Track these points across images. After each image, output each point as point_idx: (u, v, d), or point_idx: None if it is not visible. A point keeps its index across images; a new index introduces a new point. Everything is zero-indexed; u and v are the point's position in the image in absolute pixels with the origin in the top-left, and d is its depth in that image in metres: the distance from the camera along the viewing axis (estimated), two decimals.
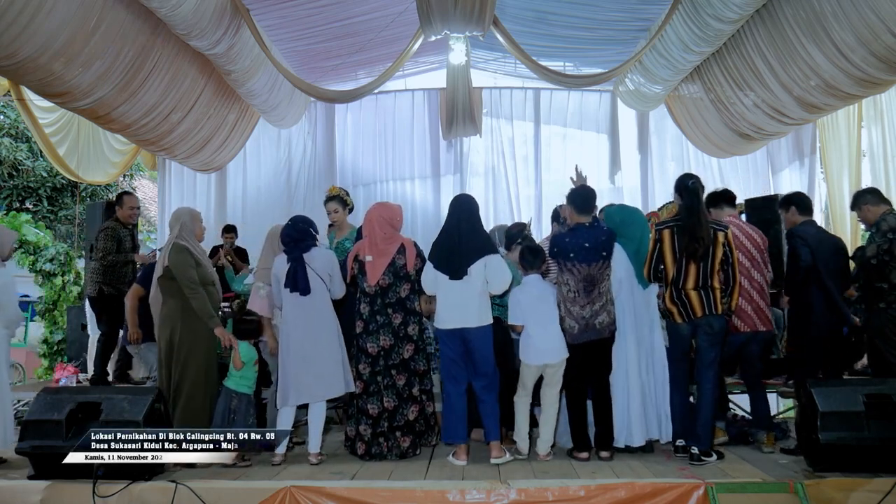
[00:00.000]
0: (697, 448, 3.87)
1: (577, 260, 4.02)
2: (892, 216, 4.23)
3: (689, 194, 3.96)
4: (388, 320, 4.19)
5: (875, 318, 4.23)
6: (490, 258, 4.02)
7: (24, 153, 12.72)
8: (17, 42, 4.74)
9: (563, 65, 8.73)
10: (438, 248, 4.13)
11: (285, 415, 4.14)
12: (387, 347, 4.17)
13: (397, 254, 4.23)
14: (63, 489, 3.54)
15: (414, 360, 4.21)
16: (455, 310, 3.99)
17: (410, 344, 4.21)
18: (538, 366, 4.09)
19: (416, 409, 4.17)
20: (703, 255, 3.87)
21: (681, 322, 3.95)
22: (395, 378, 4.16)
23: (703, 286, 3.90)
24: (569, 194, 4.30)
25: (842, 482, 3.43)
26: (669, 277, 3.95)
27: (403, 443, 4.13)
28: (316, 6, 7.08)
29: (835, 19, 5.56)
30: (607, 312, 4.05)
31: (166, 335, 4.18)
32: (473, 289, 3.99)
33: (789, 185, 9.03)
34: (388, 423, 4.13)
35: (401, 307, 4.22)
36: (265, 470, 3.94)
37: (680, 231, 3.92)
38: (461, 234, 4.06)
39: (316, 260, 4.19)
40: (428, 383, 4.29)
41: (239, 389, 4.15)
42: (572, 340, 4.04)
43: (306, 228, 4.27)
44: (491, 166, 9.67)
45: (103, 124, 6.75)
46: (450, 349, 4.03)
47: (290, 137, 9.68)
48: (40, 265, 7.81)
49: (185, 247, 4.21)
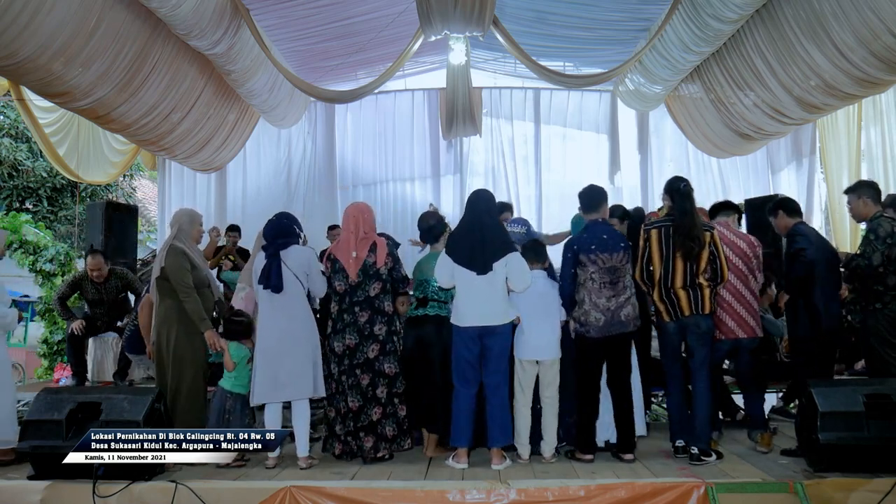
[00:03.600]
0: (697, 448, 3.88)
1: (599, 251, 4.02)
2: (886, 221, 4.29)
3: (683, 197, 4.03)
4: (354, 319, 4.12)
5: (871, 319, 4.27)
6: (512, 256, 4.00)
7: (24, 153, 12.72)
8: (17, 42, 4.74)
9: (563, 65, 8.74)
10: (459, 242, 4.06)
11: (271, 415, 4.08)
12: (352, 346, 4.10)
13: (369, 252, 4.17)
14: (63, 489, 3.53)
15: (379, 361, 4.10)
16: (479, 307, 3.94)
17: (376, 344, 4.10)
18: (530, 362, 4.08)
19: (379, 411, 4.08)
20: (696, 254, 3.95)
21: (668, 321, 4.01)
22: (359, 378, 4.08)
23: (692, 284, 3.97)
24: (579, 194, 4.30)
25: (842, 482, 3.43)
26: (657, 277, 4.01)
27: (367, 443, 4.05)
28: (316, 6, 7.09)
29: (835, 19, 5.56)
30: (632, 305, 4.05)
31: (163, 336, 4.19)
32: (497, 285, 3.96)
33: (789, 185, 9.05)
34: (353, 423, 4.07)
35: (368, 306, 4.13)
36: (265, 470, 3.94)
37: (674, 231, 3.98)
38: (484, 229, 4.02)
39: (292, 258, 4.11)
40: (399, 386, 4.18)
41: (233, 390, 4.12)
42: (597, 333, 3.99)
43: (290, 225, 4.24)
44: (491, 166, 9.68)
45: (103, 124, 6.76)
46: (466, 349, 3.97)
47: (290, 137, 9.69)
48: (40, 265, 7.78)
49: (181, 249, 4.21)
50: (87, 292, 6.03)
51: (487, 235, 4.00)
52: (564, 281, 4.14)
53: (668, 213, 4.15)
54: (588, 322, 4.01)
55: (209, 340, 4.12)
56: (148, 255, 10.15)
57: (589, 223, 4.17)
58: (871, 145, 7.69)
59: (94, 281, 5.98)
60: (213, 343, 4.11)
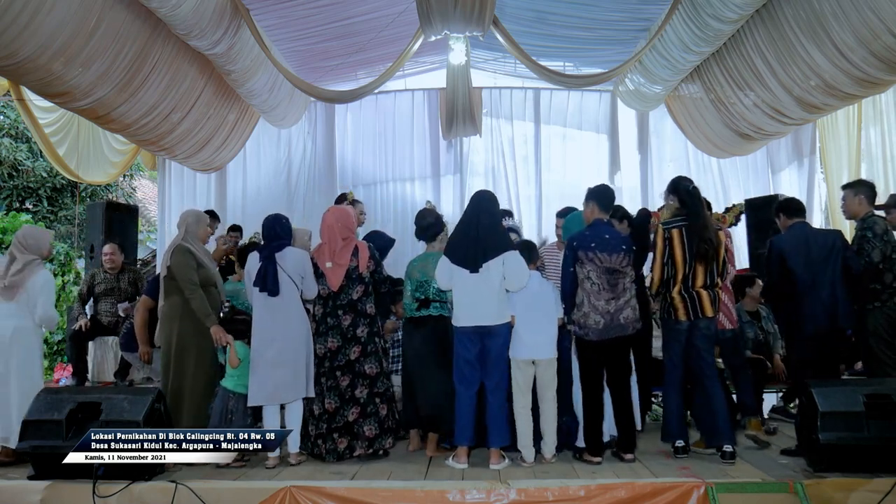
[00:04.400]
0: (732, 446, 3.90)
1: (599, 250, 4.00)
2: (880, 220, 4.35)
3: (692, 197, 4.04)
4: (338, 322, 4.16)
5: (869, 318, 4.27)
6: (509, 255, 4.01)
7: (24, 153, 12.69)
8: (17, 42, 4.74)
9: (563, 65, 8.73)
10: (455, 242, 4.10)
11: (270, 415, 4.10)
12: (333, 349, 4.13)
13: (351, 257, 4.19)
14: (63, 489, 3.53)
15: (360, 363, 4.14)
16: (473, 307, 3.96)
17: (358, 346, 4.15)
18: (526, 361, 4.08)
19: (356, 412, 4.10)
20: (712, 256, 3.97)
21: (684, 319, 4.00)
22: (338, 380, 4.12)
23: (711, 285, 3.99)
24: (593, 192, 4.28)
25: (842, 482, 3.44)
26: (680, 276, 3.99)
27: (340, 444, 4.07)
28: (316, 6, 7.08)
29: (835, 19, 5.56)
30: (632, 308, 4.03)
31: (167, 332, 4.23)
32: (492, 285, 3.96)
33: (789, 185, 9.03)
34: (326, 425, 4.09)
35: (351, 309, 4.18)
36: (265, 470, 3.94)
37: (687, 233, 3.98)
38: (480, 228, 4.03)
39: (287, 260, 4.13)
40: (381, 386, 4.21)
41: (236, 390, 4.13)
42: (596, 337, 3.99)
43: (289, 226, 4.28)
44: (491, 166, 9.67)
45: (103, 124, 6.75)
46: (466, 350, 3.99)
47: (290, 137, 9.68)
48: None
49: (187, 248, 4.25)
50: (98, 284, 6.03)
51: (482, 234, 4.01)
52: (565, 279, 4.14)
53: (675, 212, 4.13)
54: (587, 325, 4.00)
55: (215, 335, 4.12)
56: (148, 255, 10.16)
57: (594, 221, 4.17)
58: (871, 145, 7.68)
59: (107, 271, 6.02)
60: (220, 338, 4.11)
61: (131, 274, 6.19)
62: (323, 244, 4.29)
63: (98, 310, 6.04)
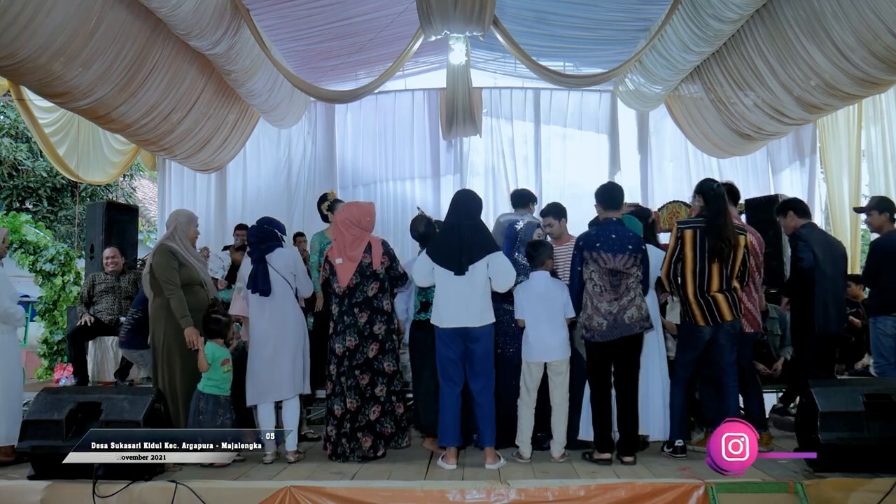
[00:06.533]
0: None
1: (603, 250, 3.95)
2: None
3: (716, 198, 3.99)
4: (355, 320, 4.13)
5: None
6: (494, 256, 3.96)
7: (24, 153, 12.72)
8: (17, 42, 4.74)
9: (563, 65, 8.74)
10: (439, 243, 4.07)
11: (265, 414, 4.13)
12: (352, 348, 4.11)
13: (364, 253, 4.17)
14: (63, 489, 3.53)
15: (378, 360, 4.13)
16: (456, 308, 3.92)
17: (375, 343, 4.13)
18: (538, 364, 4.07)
19: (377, 410, 4.10)
20: (727, 256, 3.92)
21: (703, 325, 3.96)
22: (358, 378, 4.10)
23: (728, 288, 3.94)
24: (596, 191, 4.26)
25: (842, 482, 3.43)
26: (691, 278, 3.96)
27: (365, 443, 4.06)
28: (316, 6, 7.09)
29: (835, 19, 5.56)
30: (637, 307, 3.95)
31: (155, 333, 4.26)
32: (476, 287, 3.92)
33: (789, 185, 9.04)
34: (350, 424, 4.07)
35: (367, 306, 4.15)
36: (265, 470, 3.93)
37: (705, 232, 3.93)
38: (463, 230, 4.00)
39: (278, 260, 4.19)
40: (398, 384, 4.22)
41: (205, 390, 4.06)
42: (601, 338, 3.95)
43: (271, 230, 4.31)
44: (491, 166, 9.68)
45: (103, 124, 6.76)
46: (450, 350, 3.96)
47: (290, 137, 9.69)
48: (40, 265, 7.79)
49: (169, 248, 4.28)
50: (98, 284, 6.06)
51: (466, 235, 3.98)
52: (572, 279, 4.12)
53: (700, 212, 4.10)
54: (592, 327, 3.98)
55: (188, 338, 4.11)
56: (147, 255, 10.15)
57: (604, 220, 4.14)
58: (871, 145, 7.69)
59: (108, 273, 6.07)
60: (192, 341, 4.10)
61: (132, 274, 6.21)
62: (335, 241, 4.30)
63: (98, 309, 6.05)
